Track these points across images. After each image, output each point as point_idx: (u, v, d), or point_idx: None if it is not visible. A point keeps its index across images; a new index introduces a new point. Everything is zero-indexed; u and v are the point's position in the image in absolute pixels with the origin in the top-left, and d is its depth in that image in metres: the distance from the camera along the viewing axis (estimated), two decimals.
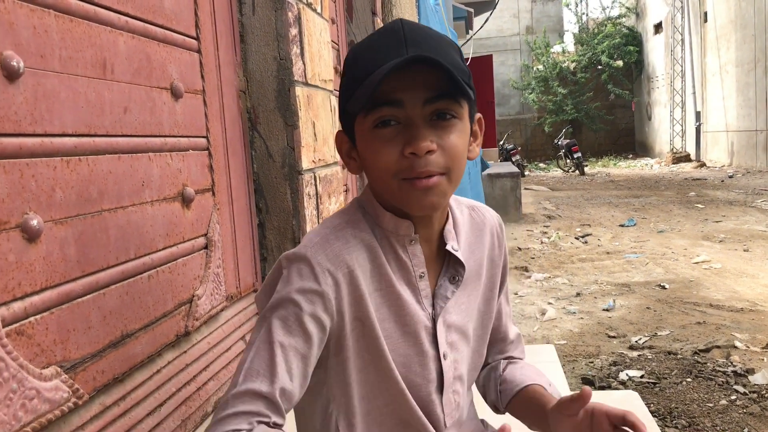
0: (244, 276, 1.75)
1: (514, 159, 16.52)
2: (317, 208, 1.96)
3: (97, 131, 1.14)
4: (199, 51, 1.56)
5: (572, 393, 1.09)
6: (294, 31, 1.87)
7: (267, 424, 0.92)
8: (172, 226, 1.38)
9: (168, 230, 1.36)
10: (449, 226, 1.12)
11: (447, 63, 0.94)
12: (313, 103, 1.97)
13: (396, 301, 1.06)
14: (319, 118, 2.02)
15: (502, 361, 1.31)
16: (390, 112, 0.97)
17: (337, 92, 1.10)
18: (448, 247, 1.10)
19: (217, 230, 1.57)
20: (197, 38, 1.56)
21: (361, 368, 1.05)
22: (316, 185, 1.96)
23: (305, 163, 1.87)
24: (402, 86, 0.96)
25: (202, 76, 1.57)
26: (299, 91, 1.86)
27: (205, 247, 1.52)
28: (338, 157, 2.24)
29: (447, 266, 1.12)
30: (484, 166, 8.57)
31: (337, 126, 2.30)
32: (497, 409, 1.30)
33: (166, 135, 1.38)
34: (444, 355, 1.11)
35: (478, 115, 1.08)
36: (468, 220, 1.18)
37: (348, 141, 1.07)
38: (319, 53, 2.07)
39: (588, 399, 1.04)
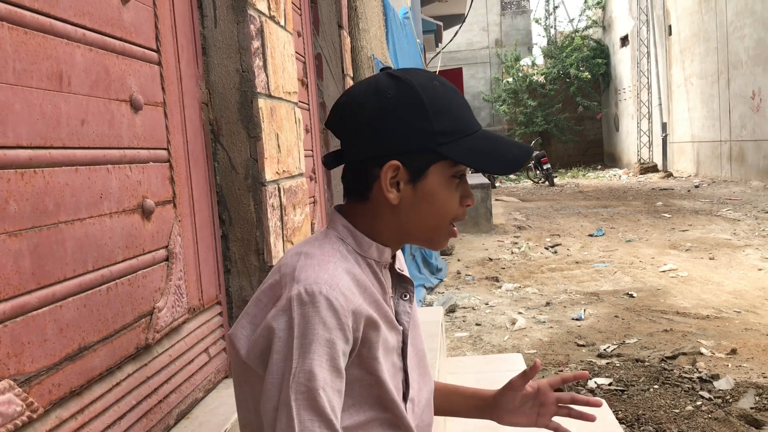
0: (207, 288, 1.74)
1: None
2: (281, 220, 1.96)
3: (53, 143, 1.14)
4: (159, 63, 1.56)
5: (525, 369, 1.33)
6: (256, 43, 1.87)
7: None
8: (131, 238, 1.37)
9: (127, 242, 1.36)
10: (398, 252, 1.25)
11: None
12: (276, 115, 1.98)
13: (386, 321, 1.13)
14: (282, 130, 2.03)
15: None
16: (464, 170, 1.14)
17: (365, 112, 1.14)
18: (397, 268, 1.23)
19: (178, 242, 1.57)
20: (158, 51, 1.56)
21: (361, 385, 1.10)
22: (280, 196, 1.96)
23: (269, 175, 1.87)
24: None
25: (163, 89, 1.57)
26: (262, 103, 1.86)
27: (166, 259, 1.52)
28: (303, 169, 2.25)
29: (397, 285, 1.23)
30: None
31: (302, 137, 2.30)
32: None
33: (125, 147, 1.38)
34: (408, 368, 1.20)
35: None
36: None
37: (406, 174, 1.11)
38: (282, 66, 2.08)
39: (537, 370, 1.28)
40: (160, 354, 1.47)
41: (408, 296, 1.23)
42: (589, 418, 1.32)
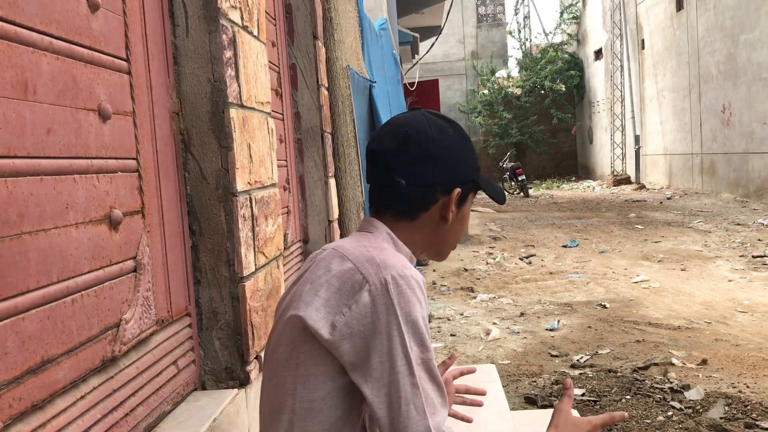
0: (176, 299, 1.72)
1: None
2: (253, 230, 1.95)
3: (17, 153, 1.12)
4: (129, 72, 1.55)
5: (444, 359, 1.58)
6: (229, 53, 1.87)
7: None
8: (98, 249, 1.35)
9: (94, 253, 1.34)
10: None
11: None
12: (248, 125, 1.97)
13: None
14: (255, 140, 2.02)
15: None
16: None
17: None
18: None
19: (146, 253, 1.55)
20: (127, 60, 1.55)
21: None
22: (251, 207, 1.95)
23: (240, 185, 1.86)
24: None
25: (133, 98, 1.55)
26: (234, 113, 1.85)
27: (134, 270, 1.50)
28: (276, 179, 2.24)
29: None
30: None
31: (275, 148, 2.30)
32: None
33: (92, 157, 1.36)
34: None
35: None
36: None
37: (458, 199, 1.34)
38: (255, 75, 2.08)
39: (453, 361, 1.58)
40: (126, 366, 1.45)
41: None
42: (477, 404, 1.60)
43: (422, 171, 1.30)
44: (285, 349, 1.22)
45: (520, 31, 27.39)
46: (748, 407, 3.63)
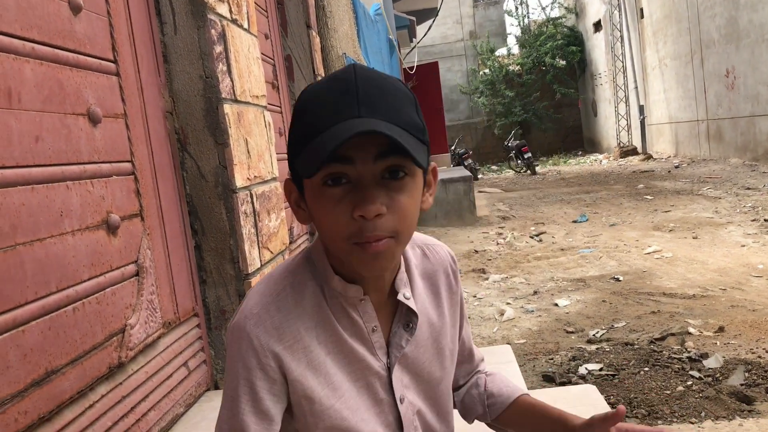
0: (182, 301, 1.70)
1: (466, 163, 16.64)
2: (256, 226, 1.92)
3: (5, 163, 1.10)
4: (117, 74, 1.52)
5: (607, 411, 1.14)
6: (219, 48, 1.84)
7: None
8: (97, 255, 1.33)
9: (93, 260, 1.32)
10: (401, 273, 1.08)
11: (400, 125, 0.90)
12: (244, 119, 1.94)
13: (348, 358, 1.03)
14: (252, 135, 1.99)
15: (480, 376, 1.31)
16: (339, 169, 0.89)
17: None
18: (400, 297, 1.06)
19: (148, 256, 1.53)
20: (115, 61, 1.52)
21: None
22: (252, 203, 1.92)
23: (239, 181, 1.83)
24: (352, 143, 0.86)
25: (123, 100, 1.53)
26: (228, 108, 1.83)
27: (137, 275, 1.48)
28: (277, 173, 2.21)
29: (400, 314, 1.08)
30: None
31: (274, 141, 2.27)
32: (484, 421, 1.30)
33: (85, 162, 1.34)
34: (401, 399, 1.09)
35: (432, 165, 1.02)
36: (421, 262, 1.16)
37: (296, 190, 0.97)
38: (248, 69, 2.05)
39: (622, 416, 1.10)
40: (135, 372, 1.44)
41: (411, 326, 1.08)
42: None
43: None
44: None
45: (518, 8, 27.21)
46: None
